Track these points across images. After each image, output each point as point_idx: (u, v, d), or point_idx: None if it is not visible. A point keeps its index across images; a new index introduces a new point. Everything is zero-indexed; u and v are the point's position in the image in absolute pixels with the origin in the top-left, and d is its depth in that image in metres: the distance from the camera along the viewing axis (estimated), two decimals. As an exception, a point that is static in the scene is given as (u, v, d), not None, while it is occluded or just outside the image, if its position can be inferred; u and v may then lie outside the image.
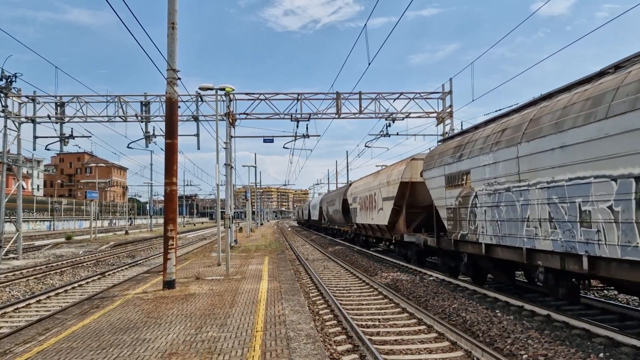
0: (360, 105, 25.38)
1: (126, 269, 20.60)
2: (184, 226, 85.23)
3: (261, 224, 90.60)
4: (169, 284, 12.23)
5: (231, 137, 26.20)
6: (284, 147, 29.59)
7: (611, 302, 10.65)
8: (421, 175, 16.24)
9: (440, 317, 9.72)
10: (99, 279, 17.61)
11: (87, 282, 16.64)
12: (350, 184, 32.02)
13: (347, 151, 66.77)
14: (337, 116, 25.57)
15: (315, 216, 52.66)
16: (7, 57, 58.73)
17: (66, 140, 25.26)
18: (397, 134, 27.53)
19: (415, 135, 27.68)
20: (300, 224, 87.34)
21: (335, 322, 9.77)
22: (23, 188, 26.09)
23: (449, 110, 25.34)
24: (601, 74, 8.53)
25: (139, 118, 25.11)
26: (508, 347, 7.46)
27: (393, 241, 20.62)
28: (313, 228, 60.41)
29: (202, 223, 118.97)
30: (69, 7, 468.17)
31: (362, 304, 11.76)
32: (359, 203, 26.19)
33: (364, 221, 25.14)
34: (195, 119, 25.40)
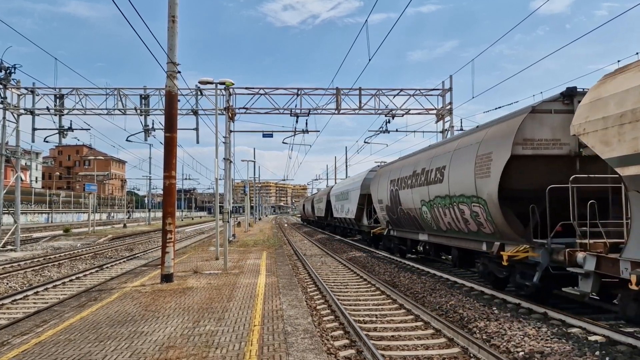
0: (360, 101, 25.35)
1: (124, 262, 20.61)
2: (182, 220, 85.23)
3: (259, 219, 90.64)
4: (167, 278, 12.24)
5: (230, 131, 26.16)
6: (283, 142, 29.66)
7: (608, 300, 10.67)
8: None
9: (437, 314, 9.75)
10: (96, 271, 17.62)
11: (85, 275, 16.64)
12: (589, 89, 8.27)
13: (346, 147, 66.71)
14: (336, 112, 25.54)
15: (343, 212, 31.18)
16: (7, 49, 58.53)
17: (65, 132, 25.20)
18: (397, 131, 27.49)
19: (414, 132, 27.70)
20: (306, 221, 68.50)
21: (332, 317, 9.80)
22: (21, 180, 26.04)
23: (448, 107, 25.33)
24: None
25: (138, 111, 25.04)
26: (505, 344, 7.48)
27: None
28: (338, 231, 37.40)
29: (201, 217, 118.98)
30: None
31: (360, 299, 11.79)
32: None
33: None
34: (195, 113, 25.34)
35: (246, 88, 25.72)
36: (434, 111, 25.97)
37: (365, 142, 31.66)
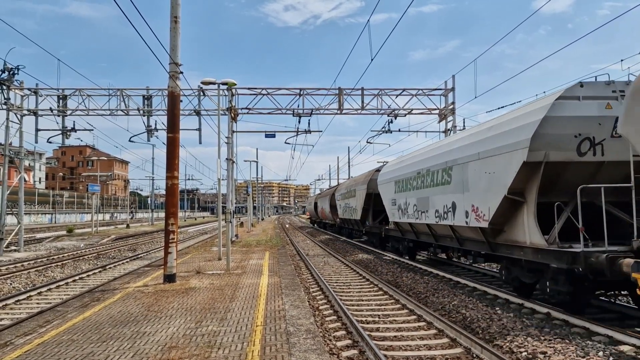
0: (362, 101, 25.32)
1: (127, 262, 20.65)
2: (185, 220, 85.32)
3: (262, 219, 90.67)
4: (169, 278, 12.25)
5: (233, 131, 26.18)
6: (285, 143, 29.58)
7: (611, 301, 10.65)
8: None
9: (440, 314, 9.73)
10: (100, 272, 17.65)
11: (88, 275, 16.68)
12: None
13: (348, 147, 66.78)
14: (339, 112, 25.53)
15: (431, 212, 14.16)
16: (10, 50, 58.67)
17: (68, 133, 25.27)
18: (399, 130, 27.45)
19: (417, 131, 27.66)
20: (319, 224, 53.45)
21: (335, 317, 9.79)
22: (25, 180, 26.13)
23: (451, 107, 25.29)
24: None
25: (141, 112, 25.09)
26: (507, 344, 7.46)
27: None
28: (393, 246, 20.79)
29: (203, 217, 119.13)
30: (68, 0, 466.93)
31: (362, 300, 11.77)
32: None
33: None
34: (197, 113, 25.39)
35: (248, 88, 25.75)
36: (437, 111, 25.92)
37: (367, 142, 31.63)
